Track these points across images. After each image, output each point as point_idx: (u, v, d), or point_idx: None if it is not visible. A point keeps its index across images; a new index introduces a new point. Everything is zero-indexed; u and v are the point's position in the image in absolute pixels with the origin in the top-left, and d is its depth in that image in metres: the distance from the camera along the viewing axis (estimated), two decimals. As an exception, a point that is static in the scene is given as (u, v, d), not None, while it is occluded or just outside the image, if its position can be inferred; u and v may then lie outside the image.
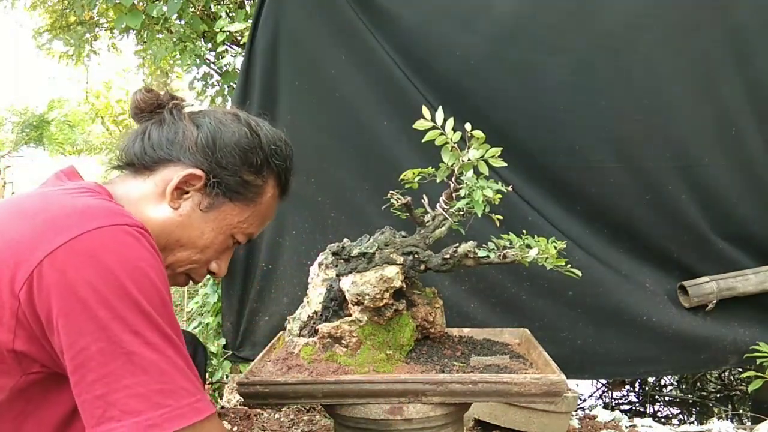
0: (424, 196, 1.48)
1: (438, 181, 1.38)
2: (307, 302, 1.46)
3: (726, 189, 2.36)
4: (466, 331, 1.64)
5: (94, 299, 0.75)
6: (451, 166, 1.35)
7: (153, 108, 1.04)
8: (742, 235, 2.39)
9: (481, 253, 1.36)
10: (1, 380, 0.79)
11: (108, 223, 0.80)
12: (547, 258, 1.32)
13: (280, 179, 1.11)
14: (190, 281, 1.10)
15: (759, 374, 1.91)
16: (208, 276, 1.13)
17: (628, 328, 2.32)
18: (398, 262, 1.34)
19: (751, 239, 2.39)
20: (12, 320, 0.76)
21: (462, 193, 1.35)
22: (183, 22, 3.14)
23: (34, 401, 0.82)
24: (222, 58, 3.08)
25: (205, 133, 1.01)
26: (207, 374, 2.20)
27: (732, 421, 2.56)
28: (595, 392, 3.05)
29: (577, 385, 2.85)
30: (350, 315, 1.36)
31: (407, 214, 1.41)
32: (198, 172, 0.98)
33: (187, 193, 0.99)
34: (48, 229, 0.79)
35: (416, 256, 1.38)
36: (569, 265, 1.34)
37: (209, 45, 3.26)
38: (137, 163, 1.01)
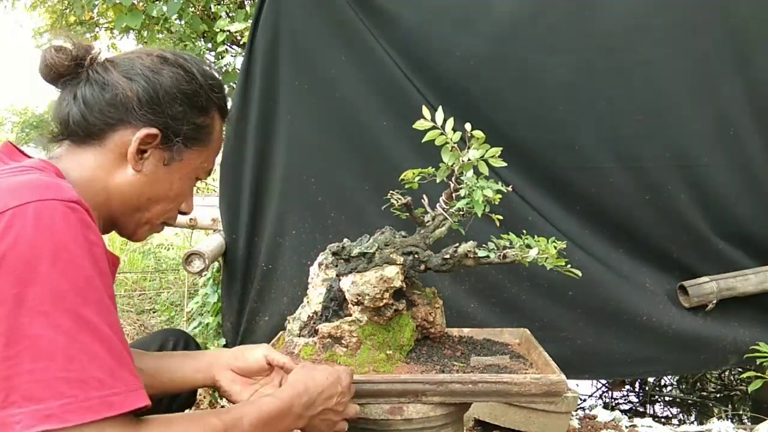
0: (424, 196, 1.48)
1: (438, 181, 1.38)
2: (307, 302, 1.46)
3: (725, 189, 2.36)
4: (466, 331, 1.64)
5: (10, 274, 0.72)
6: (451, 166, 1.35)
7: (72, 68, 0.97)
8: (742, 235, 2.39)
9: (481, 253, 1.36)
10: None
11: (34, 198, 0.76)
12: (547, 258, 1.32)
13: (221, 109, 1.09)
14: (166, 226, 1.12)
15: (759, 374, 1.91)
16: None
17: (628, 328, 2.32)
18: (398, 262, 1.34)
19: (750, 239, 2.39)
20: None
21: (462, 193, 1.35)
22: (183, 22, 3.14)
23: None
24: (222, 58, 3.09)
25: (144, 87, 0.96)
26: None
27: (732, 421, 2.56)
28: (595, 392, 3.05)
29: (577, 385, 2.85)
30: (350, 315, 1.36)
31: (407, 214, 1.41)
32: (152, 130, 0.96)
33: (146, 152, 0.97)
34: None
35: (416, 256, 1.38)
36: (569, 265, 1.34)
37: (209, 45, 3.26)
38: (81, 133, 0.96)
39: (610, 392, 3.05)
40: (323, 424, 1.06)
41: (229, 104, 1.24)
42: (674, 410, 2.87)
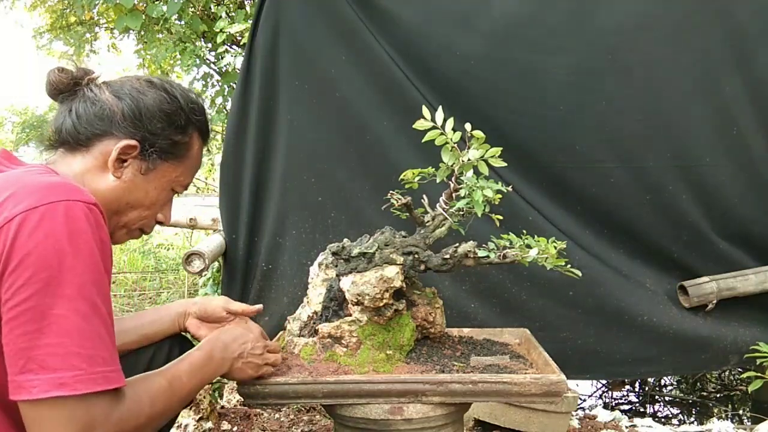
0: (424, 196, 1.48)
1: (438, 181, 1.38)
2: (307, 302, 1.46)
3: (726, 189, 2.36)
4: (466, 331, 1.64)
5: (39, 263, 0.84)
6: (451, 166, 1.35)
7: (70, 87, 1.11)
8: (743, 235, 2.39)
9: (481, 253, 1.36)
10: None
11: (65, 198, 0.88)
12: (547, 258, 1.32)
13: (201, 132, 1.20)
14: (143, 234, 1.22)
15: (759, 374, 1.91)
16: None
17: (628, 328, 2.32)
18: (398, 262, 1.34)
19: (752, 239, 2.39)
20: None
21: (462, 193, 1.35)
22: (183, 23, 3.14)
23: None
24: (222, 58, 3.09)
25: (129, 105, 1.09)
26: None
27: (732, 421, 2.56)
28: (595, 392, 3.05)
29: (577, 385, 2.85)
30: (350, 315, 1.36)
31: (407, 214, 1.41)
32: (132, 142, 1.08)
33: (125, 161, 1.09)
34: (9, 200, 0.88)
35: (416, 256, 1.38)
36: (569, 265, 1.34)
37: (209, 45, 3.26)
38: (72, 142, 1.09)
39: (610, 392, 3.05)
40: (247, 367, 1.23)
41: (229, 105, 1.34)
42: (674, 410, 2.87)
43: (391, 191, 1.37)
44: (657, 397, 3.00)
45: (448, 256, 1.37)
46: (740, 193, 2.36)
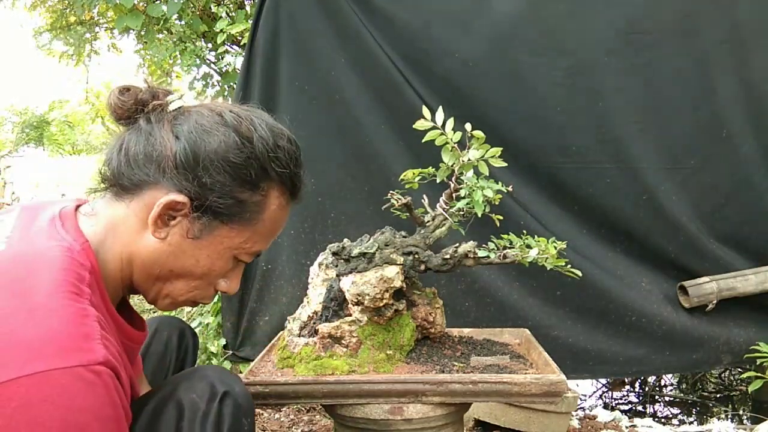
0: (424, 196, 1.48)
1: (438, 181, 1.38)
2: (307, 302, 1.46)
3: (720, 190, 2.38)
4: (466, 331, 1.64)
5: None
6: (451, 166, 1.35)
7: (132, 112, 0.90)
8: (734, 236, 2.40)
9: (481, 253, 1.36)
10: None
11: (56, 366, 0.66)
12: (547, 258, 1.32)
13: (285, 186, 0.97)
14: (197, 305, 1.01)
15: (759, 374, 1.91)
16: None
17: (622, 327, 2.33)
18: (398, 262, 1.34)
19: (742, 240, 2.41)
20: None
21: (462, 193, 1.35)
22: (183, 23, 3.14)
23: None
24: (222, 58, 3.09)
25: (184, 148, 0.86)
26: (198, 362, 2.18)
27: (732, 421, 2.56)
28: (595, 392, 3.05)
29: (577, 385, 2.85)
30: (350, 315, 1.36)
31: (407, 214, 1.41)
32: (180, 197, 0.85)
33: (173, 219, 0.87)
34: None
35: (416, 256, 1.38)
36: (569, 266, 1.34)
37: (209, 45, 3.26)
38: (116, 184, 0.89)
39: (610, 392, 3.05)
40: None
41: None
42: (674, 410, 2.87)
43: (391, 191, 1.37)
44: (657, 397, 3.00)
45: (448, 256, 1.37)
46: (733, 195, 2.38)
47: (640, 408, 2.87)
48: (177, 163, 0.85)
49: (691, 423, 2.60)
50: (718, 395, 2.99)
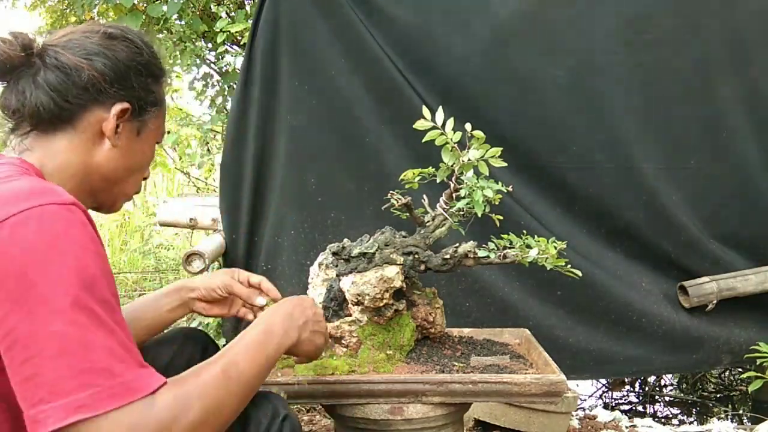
0: (424, 196, 1.48)
1: (438, 181, 1.39)
2: (307, 302, 1.45)
3: (720, 190, 2.38)
4: (466, 331, 1.64)
5: (18, 279, 0.74)
6: (451, 166, 1.35)
7: (23, 58, 0.95)
8: (734, 237, 2.40)
9: (481, 253, 1.36)
10: None
11: (36, 204, 0.78)
12: (547, 258, 1.32)
13: (164, 73, 1.12)
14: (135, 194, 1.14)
15: (759, 374, 1.91)
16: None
17: (622, 327, 2.33)
18: (398, 262, 1.35)
19: (742, 241, 2.41)
20: None
21: (462, 193, 1.35)
22: (183, 23, 3.14)
23: None
24: (222, 58, 3.09)
25: (107, 65, 0.98)
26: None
27: (732, 421, 2.56)
28: (595, 392, 3.05)
29: (578, 385, 2.85)
30: (350, 315, 1.36)
31: (407, 214, 1.41)
32: (125, 105, 0.99)
33: (119, 126, 1.00)
34: None
35: (416, 256, 1.38)
36: (569, 266, 1.34)
37: (209, 45, 3.26)
38: (52, 120, 0.96)
39: (610, 392, 3.05)
40: (315, 337, 1.08)
41: (229, 105, 1.28)
42: (674, 410, 2.87)
43: (391, 191, 1.37)
44: (657, 397, 3.00)
45: (448, 256, 1.37)
46: (733, 195, 2.38)
47: (640, 408, 2.87)
48: (107, 79, 0.98)
49: (691, 423, 2.60)
50: (718, 395, 2.99)
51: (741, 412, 2.79)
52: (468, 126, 1.31)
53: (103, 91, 0.98)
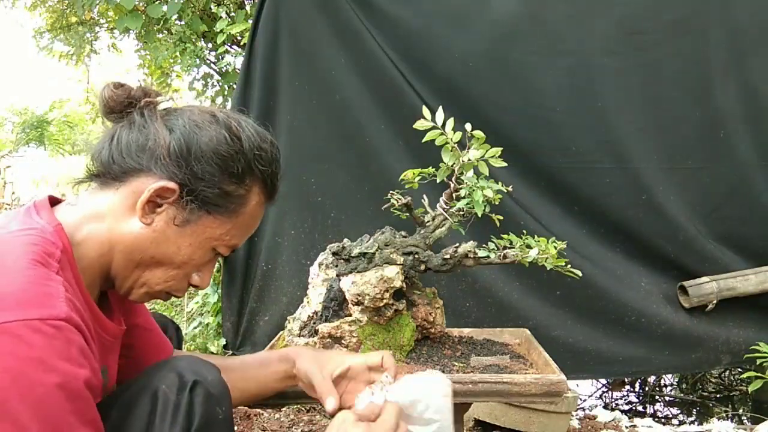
0: (424, 196, 1.48)
1: (438, 181, 1.38)
2: (307, 302, 1.46)
3: (719, 190, 2.39)
4: (467, 332, 1.64)
5: None
6: (451, 166, 1.35)
7: (123, 107, 0.93)
8: (732, 237, 2.41)
9: (481, 253, 1.36)
10: None
11: (11, 319, 0.69)
12: (547, 258, 1.32)
13: (265, 185, 1.00)
14: (170, 297, 1.01)
15: (759, 374, 1.91)
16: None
17: (622, 327, 2.33)
18: (398, 262, 1.34)
19: (740, 241, 2.41)
20: None
21: (462, 193, 1.35)
22: (183, 23, 3.14)
23: None
24: (222, 58, 3.09)
25: (179, 139, 0.90)
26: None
27: (732, 421, 2.56)
28: (595, 392, 3.05)
29: (578, 385, 2.85)
30: (350, 315, 1.36)
31: (407, 214, 1.41)
32: (171, 184, 0.89)
33: (160, 206, 0.90)
34: None
35: (416, 256, 1.38)
36: (569, 266, 1.34)
37: (209, 45, 3.26)
38: (105, 173, 0.92)
39: (610, 392, 3.05)
40: None
41: (229, 105, 1.16)
42: (674, 410, 2.87)
43: (391, 191, 1.37)
44: (657, 397, 3.00)
45: (448, 256, 1.37)
46: (731, 195, 2.39)
47: (640, 408, 2.87)
48: (170, 153, 0.90)
49: (691, 423, 2.60)
50: (718, 395, 2.99)
51: (741, 412, 2.79)
52: (468, 126, 1.31)
53: (158, 161, 0.89)
